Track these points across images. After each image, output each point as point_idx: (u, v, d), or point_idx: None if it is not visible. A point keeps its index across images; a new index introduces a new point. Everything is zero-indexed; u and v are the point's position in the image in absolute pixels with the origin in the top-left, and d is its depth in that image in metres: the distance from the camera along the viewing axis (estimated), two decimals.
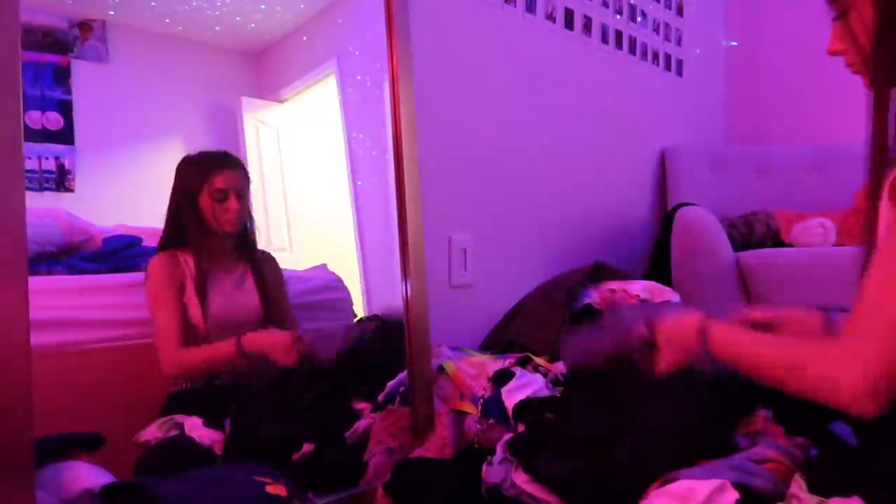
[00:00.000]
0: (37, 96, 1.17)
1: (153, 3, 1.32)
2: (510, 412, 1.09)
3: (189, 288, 1.13)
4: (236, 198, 1.17)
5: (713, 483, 0.70)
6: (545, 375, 1.28)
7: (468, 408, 1.14)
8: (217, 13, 1.39)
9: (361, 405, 1.15)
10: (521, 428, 1.04)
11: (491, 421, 1.11)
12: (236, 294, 1.19)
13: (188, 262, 1.15)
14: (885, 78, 0.70)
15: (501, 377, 1.13)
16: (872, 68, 0.71)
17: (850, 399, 0.61)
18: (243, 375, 1.16)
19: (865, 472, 0.67)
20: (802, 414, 0.93)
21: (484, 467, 0.95)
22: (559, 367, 1.20)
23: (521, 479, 0.88)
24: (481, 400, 1.13)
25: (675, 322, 0.83)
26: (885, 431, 0.77)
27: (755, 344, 0.74)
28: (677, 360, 0.83)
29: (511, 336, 1.47)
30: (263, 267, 1.25)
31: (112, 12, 1.26)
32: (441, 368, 1.19)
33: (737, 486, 0.70)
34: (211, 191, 1.15)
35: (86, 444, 0.85)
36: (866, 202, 0.73)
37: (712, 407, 0.92)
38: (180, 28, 1.36)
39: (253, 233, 1.26)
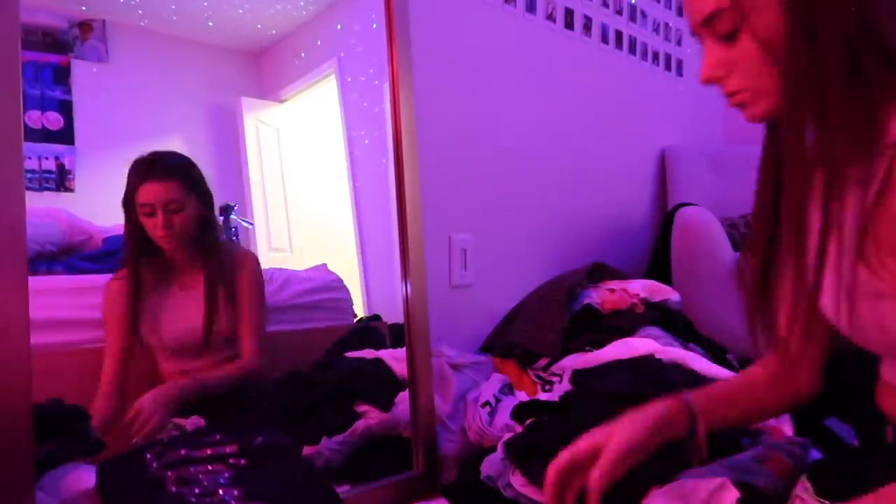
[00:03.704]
0: (37, 96, 1.17)
1: (153, 4, 1.32)
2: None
3: (143, 308, 1.08)
4: (164, 213, 1.07)
5: (714, 482, 0.70)
6: (546, 387, 1.28)
7: None
8: (217, 13, 1.39)
9: (364, 408, 1.15)
10: (519, 428, 1.04)
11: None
12: (182, 314, 1.12)
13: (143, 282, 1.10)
14: (809, 102, 0.58)
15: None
16: (791, 89, 0.60)
17: None
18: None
19: (872, 479, 0.67)
20: (800, 413, 0.93)
21: (484, 460, 0.95)
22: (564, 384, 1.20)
23: (519, 482, 0.88)
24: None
25: None
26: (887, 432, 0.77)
27: None
28: None
29: (511, 338, 1.47)
30: (237, 272, 1.19)
31: (111, 12, 1.26)
32: None
33: (737, 484, 0.70)
34: (139, 206, 1.07)
35: (87, 451, 0.85)
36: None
37: None
38: (180, 28, 1.36)
39: (217, 243, 1.19)
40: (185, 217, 1.10)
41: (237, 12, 1.42)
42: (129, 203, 1.08)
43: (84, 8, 1.21)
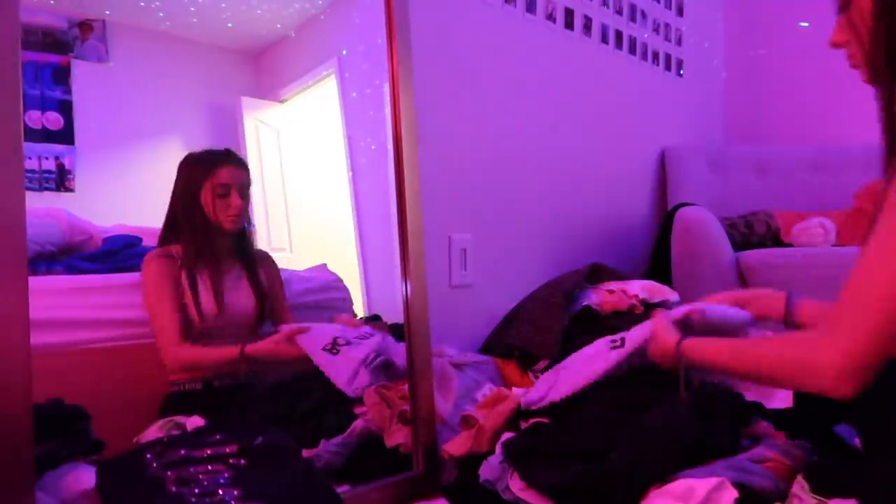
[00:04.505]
0: (37, 96, 1.17)
1: (153, 3, 1.32)
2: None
3: (185, 284, 1.13)
4: (238, 194, 1.17)
5: (712, 481, 0.70)
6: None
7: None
8: (217, 13, 1.39)
9: (362, 409, 1.15)
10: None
11: None
12: (231, 293, 1.19)
13: (182, 259, 1.15)
14: (881, 73, 0.67)
15: None
16: (870, 63, 0.69)
17: (830, 379, 0.60)
18: (242, 377, 1.16)
19: (867, 475, 0.67)
20: (803, 420, 0.93)
21: (482, 464, 0.95)
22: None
23: (517, 486, 0.87)
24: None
25: (654, 343, 0.89)
26: (888, 432, 0.77)
27: (730, 346, 0.76)
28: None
29: (511, 340, 1.47)
30: (260, 266, 1.26)
31: (111, 12, 1.26)
32: None
33: (736, 485, 0.71)
34: (213, 186, 1.15)
35: (87, 451, 0.85)
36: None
37: (713, 411, 0.91)
38: (180, 28, 1.36)
39: (250, 234, 1.26)
40: (247, 204, 1.20)
41: (238, 12, 1.42)
42: (194, 188, 1.15)
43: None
